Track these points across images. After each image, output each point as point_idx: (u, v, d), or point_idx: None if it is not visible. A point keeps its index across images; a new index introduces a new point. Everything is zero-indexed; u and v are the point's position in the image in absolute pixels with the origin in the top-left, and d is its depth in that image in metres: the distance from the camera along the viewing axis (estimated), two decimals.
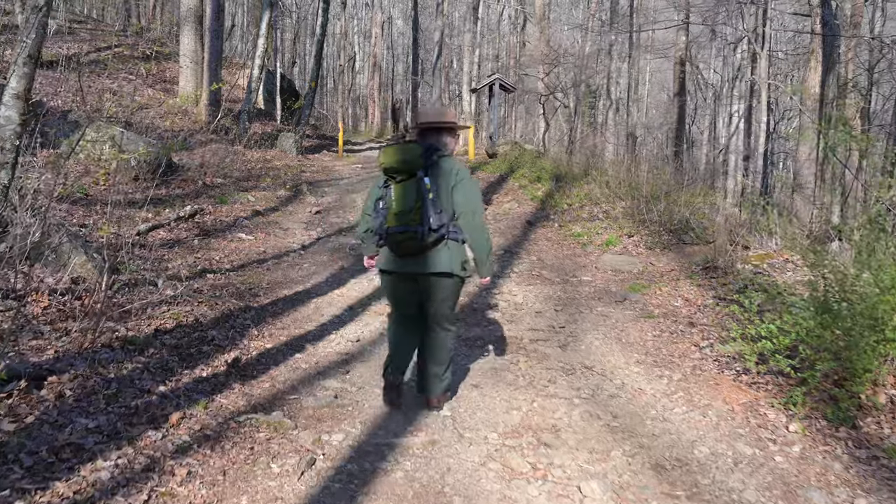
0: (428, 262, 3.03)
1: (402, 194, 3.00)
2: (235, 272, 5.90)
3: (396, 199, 3.01)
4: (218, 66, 14.02)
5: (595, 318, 5.11)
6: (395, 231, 2.98)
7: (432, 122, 3.23)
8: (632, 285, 5.97)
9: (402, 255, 3.05)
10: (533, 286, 6.05)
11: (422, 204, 2.94)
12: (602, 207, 9.10)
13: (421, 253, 3.01)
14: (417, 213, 2.94)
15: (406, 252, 3.02)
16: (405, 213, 2.96)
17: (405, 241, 2.97)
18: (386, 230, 3.02)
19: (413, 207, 2.96)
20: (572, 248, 7.57)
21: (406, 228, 2.96)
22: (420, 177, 2.98)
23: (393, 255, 3.09)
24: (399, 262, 3.09)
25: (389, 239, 3.03)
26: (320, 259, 6.71)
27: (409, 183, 2.99)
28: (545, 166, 11.97)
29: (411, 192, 2.98)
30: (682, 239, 7.37)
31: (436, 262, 3.02)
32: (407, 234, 2.96)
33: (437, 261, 3.02)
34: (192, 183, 9.29)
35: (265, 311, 4.90)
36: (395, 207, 3.00)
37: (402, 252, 3.04)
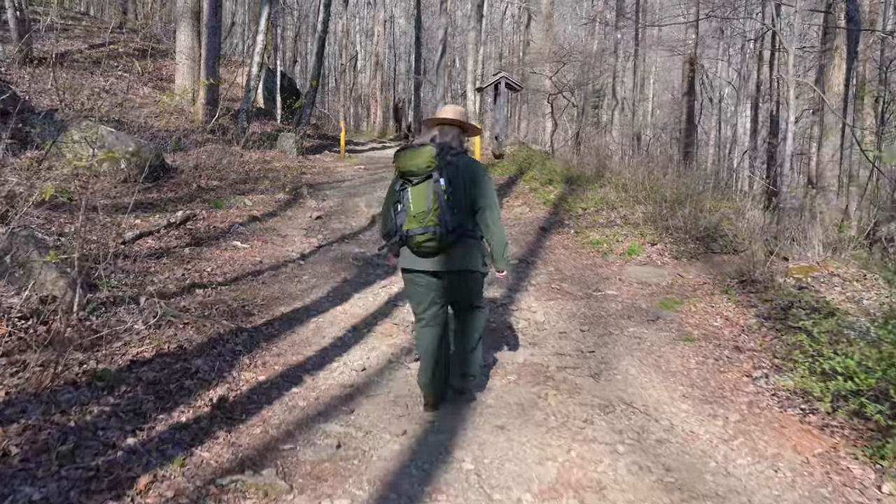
0: (449, 261, 3.09)
1: (418, 196, 3.02)
2: (228, 286, 5.35)
3: (413, 201, 3.03)
4: (216, 63, 13.46)
5: (627, 340, 4.55)
6: (414, 233, 3.02)
7: (444, 119, 3.23)
8: (663, 301, 5.41)
9: (423, 255, 3.09)
10: (554, 301, 5.49)
11: (438, 205, 2.98)
12: (619, 212, 8.54)
13: (440, 252, 3.06)
14: (435, 214, 2.98)
15: (426, 252, 3.07)
16: (423, 215, 3.00)
17: (424, 242, 3.02)
18: (406, 232, 3.06)
19: (430, 209, 2.99)
20: (592, 258, 7.01)
21: (424, 230, 3.00)
22: (436, 178, 3.00)
23: (413, 254, 3.13)
24: (420, 262, 3.13)
25: (409, 241, 3.07)
26: (321, 270, 6.16)
27: (425, 185, 3.02)
28: (556, 168, 11.42)
29: (427, 193, 3.00)
30: (710, 247, 6.82)
31: (456, 260, 3.09)
32: (426, 236, 3.00)
33: (457, 259, 3.09)
34: (185, 186, 8.74)
35: (259, 334, 4.35)
36: (412, 209, 3.03)
37: (422, 252, 3.08)
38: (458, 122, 3.23)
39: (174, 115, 13.52)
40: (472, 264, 3.14)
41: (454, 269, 3.10)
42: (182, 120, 13.38)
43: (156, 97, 14.38)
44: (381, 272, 6.21)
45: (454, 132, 3.24)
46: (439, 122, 3.24)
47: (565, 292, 5.76)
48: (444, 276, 3.13)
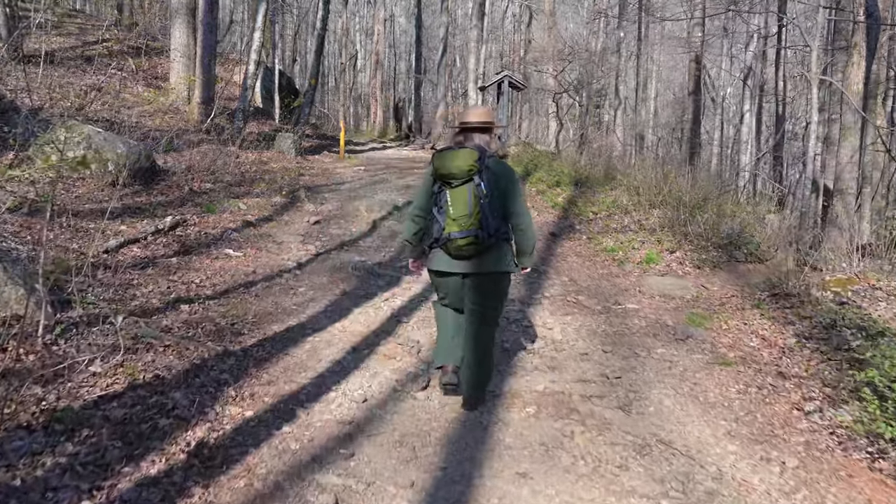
0: (484, 263, 3.09)
1: (459, 199, 3.00)
2: (217, 300, 4.89)
3: (454, 204, 3.01)
4: (211, 61, 12.99)
5: (656, 363, 4.10)
6: (456, 236, 3.00)
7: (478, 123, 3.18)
8: (689, 316, 4.96)
9: (459, 258, 3.09)
10: (571, 316, 5.03)
11: (480, 209, 2.98)
12: (633, 217, 8.09)
13: (477, 255, 3.06)
14: (476, 217, 2.98)
15: (464, 255, 3.06)
16: (465, 218, 2.99)
17: (466, 245, 3.01)
18: (448, 236, 3.03)
19: (472, 212, 2.98)
20: (607, 266, 6.55)
21: (467, 234, 2.99)
22: (477, 182, 2.99)
23: (448, 256, 3.11)
24: (455, 264, 3.12)
25: (449, 244, 3.04)
26: (318, 281, 5.70)
27: (466, 188, 3.00)
28: (563, 169, 10.96)
29: (469, 197, 2.99)
30: (734, 255, 6.36)
31: (492, 262, 3.09)
32: (468, 239, 3.00)
33: (493, 261, 3.09)
34: (177, 189, 8.28)
35: (248, 358, 3.88)
36: (452, 212, 3.00)
37: (459, 255, 3.07)
38: (488, 125, 3.21)
39: (169, 114, 13.06)
40: (505, 266, 3.15)
41: (487, 270, 3.11)
42: (177, 119, 12.91)
43: (151, 96, 13.93)
44: (382, 283, 5.76)
45: (484, 136, 3.22)
46: (468, 126, 3.20)
47: (582, 306, 5.30)
48: (476, 277, 3.13)
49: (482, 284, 3.15)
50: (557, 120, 15.07)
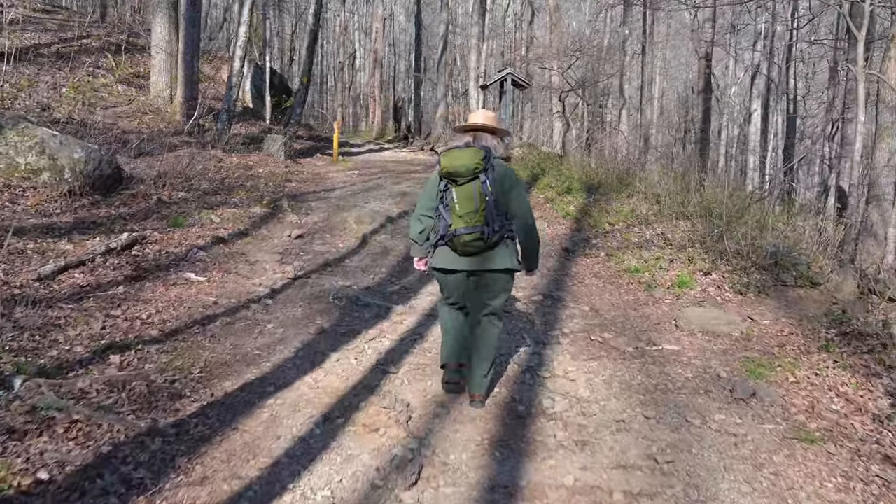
0: (489, 260, 3.11)
1: (465, 196, 3.03)
2: (161, 345, 3.92)
3: (460, 202, 3.03)
4: (194, 58, 12.02)
5: (717, 438, 3.12)
6: (462, 232, 3.03)
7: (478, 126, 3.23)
8: (745, 363, 3.98)
9: (465, 255, 3.10)
10: (597, 362, 4.06)
11: (486, 206, 3.01)
12: (655, 229, 7.11)
13: (483, 252, 3.08)
14: (482, 214, 3.01)
15: (469, 251, 3.08)
16: (470, 215, 3.01)
17: (472, 241, 3.03)
18: (454, 232, 3.05)
19: (477, 209, 3.01)
20: (633, 292, 5.57)
21: (472, 230, 3.01)
22: (482, 179, 3.02)
23: (454, 254, 3.12)
24: (460, 261, 3.13)
25: (456, 240, 3.06)
26: (292, 314, 4.72)
27: (472, 185, 3.02)
28: (573, 174, 9.98)
29: (474, 194, 3.02)
30: (781, 279, 5.38)
31: (497, 259, 3.11)
32: (474, 235, 3.02)
33: (498, 258, 3.11)
34: (143, 199, 7.30)
35: (182, 437, 2.91)
36: (458, 209, 3.03)
37: (465, 251, 3.08)
38: (490, 128, 3.22)
39: (149, 114, 12.10)
40: (510, 263, 3.15)
41: (491, 268, 3.12)
42: (158, 120, 11.94)
43: (131, 96, 12.96)
44: (368, 315, 4.78)
45: (491, 138, 3.23)
46: (473, 128, 3.24)
47: (610, 347, 4.32)
48: (482, 274, 3.15)
49: (487, 282, 3.18)
50: (563, 120, 14.08)
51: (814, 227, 6.33)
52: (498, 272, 3.14)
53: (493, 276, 3.14)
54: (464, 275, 3.17)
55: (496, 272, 3.13)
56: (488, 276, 3.14)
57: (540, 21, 31.59)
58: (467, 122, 3.30)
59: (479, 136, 3.21)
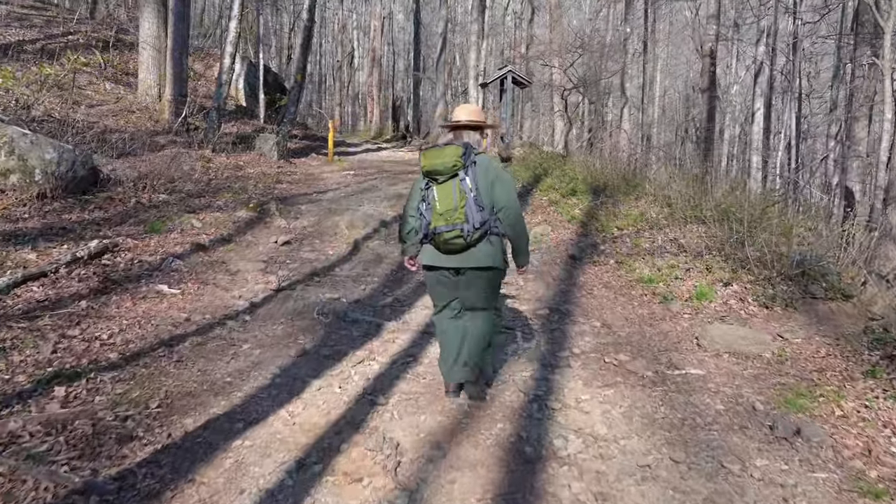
0: (472, 258, 3.06)
1: (445, 194, 3.02)
2: (119, 371, 3.43)
3: (440, 200, 3.03)
4: (183, 54, 11.52)
5: (761, 490, 2.62)
6: (441, 230, 3.01)
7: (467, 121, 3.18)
8: (781, 391, 3.49)
9: (448, 252, 3.07)
10: (613, 389, 3.57)
11: (465, 203, 2.99)
12: (667, 234, 6.62)
13: (465, 249, 3.04)
14: (461, 211, 2.98)
15: (451, 249, 3.05)
16: (450, 213, 3.00)
17: (451, 239, 3.01)
18: (433, 230, 3.04)
19: (457, 206, 2.99)
20: (647, 304, 5.08)
21: (451, 227, 2.99)
22: (461, 177, 3.01)
23: (438, 251, 3.10)
24: (444, 258, 3.10)
25: (436, 238, 3.05)
26: (272, 333, 4.23)
27: (451, 183, 3.01)
28: (577, 175, 9.49)
29: (454, 191, 3.01)
30: (810, 290, 4.88)
31: (480, 257, 3.06)
32: (453, 233, 2.99)
33: (480, 256, 3.06)
34: (120, 202, 6.82)
35: (124, 495, 2.41)
36: (439, 207, 3.03)
37: (447, 249, 3.06)
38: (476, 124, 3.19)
39: (136, 113, 11.61)
40: (495, 261, 3.10)
41: (477, 265, 3.07)
42: (145, 119, 11.45)
43: (119, 94, 12.46)
44: (357, 333, 4.29)
45: (474, 134, 3.20)
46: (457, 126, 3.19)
47: (626, 370, 3.83)
48: (467, 272, 3.11)
49: (471, 279, 3.12)
50: (566, 118, 13.58)
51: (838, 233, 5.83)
52: (481, 270, 3.09)
53: (477, 274, 3.10)
54: (449, 272, 3.14)
55: (480, 270, 3.08)
56: (472, 273, 3.10)
57: (540, 20, 31.07)
58: (452, 119, 3.26)
59: (459, 134, 3.18)
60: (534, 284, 5.57)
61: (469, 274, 3.10)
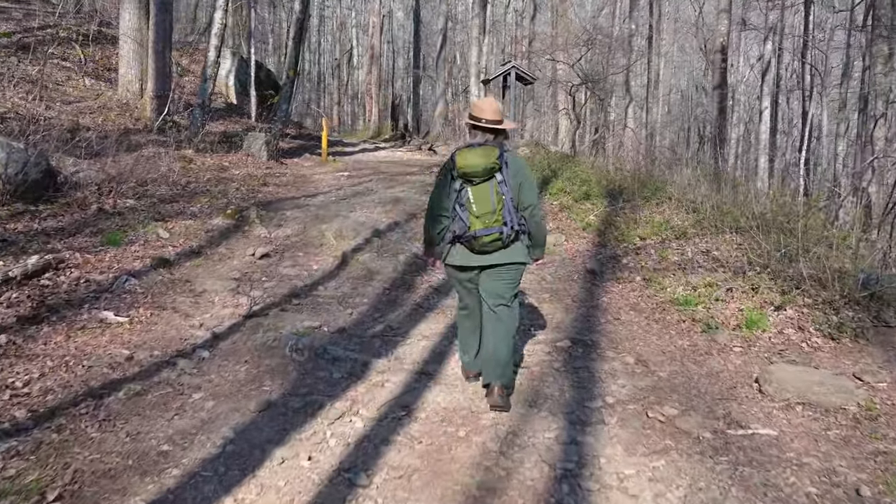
0: (505, 255, 3.02)
1: (481, 196, 2.94)
2: (21, 437, 2.60)
3: (477, 202, 2.94)
4: (166, 47, 10.67)
5: None
6: (482, 234, 2.94)
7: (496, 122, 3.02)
8: (885, 465, 2.65)
9: (480, 253, 3.01)
10: (663, 458, 2.72)
11: (503, 206, 2.93)
12: (697, 245, 5.79)
13: (499, 250, 3.01)
14: (499, 214, 2.93)
15: (487, 251, 3.00)
16: (488, 216, 2.93)
17: (490, 242, 2.96)
18: (473, 234, 2.95)
19: (495, 209, 2.92)
20: (687, 333, 4.24)
21: (491, 231, 2.93)
22: (499, 179, 2.94)
23: (469, 252, 3.03)
24: (475, 258, 3.04)
25: (474, 241, 2.97)
26: (232, 375, 3.40)
27: (488, 185, 2.93)
28: (589, 177, 8.65)
29: (491, 193, 2.93)
30: (883, 317, 4.05)
31: (512, 254, 3.02)
32: (493, 236, 2.94)
33: (512, 253, 3.03)
34: (80, 208, 5.99)
35: None
36: (475, 210, 2.94)
37: (482, 251, 3.00)
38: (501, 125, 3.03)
39: (116, 110, 10.77)
40: (525, 256, 3.09)
41: (504, 262, 3.02)
42: (125, 117, 10.61)
43: (100, 90, 11.63)
44: (338, 375, 3.46)
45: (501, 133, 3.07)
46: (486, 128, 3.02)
47: (676, 429, 2.98)
48: (493, 268, 3.04)
49: (502, 273, 3.06)
50: (573, 116, 12.73)
51: None
52: (510, 265, 3.06)
53: (507, 267, 3.06)
54: (477, 270, 3.09)
55: (509, 265, 3.05)
56: (501, 269, 3.05)
57: (542, 17, 30.23)
58: (476, 116, 3.04)
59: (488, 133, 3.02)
60: (550, 307, 4.73)
61: (499, 268, 3.05)
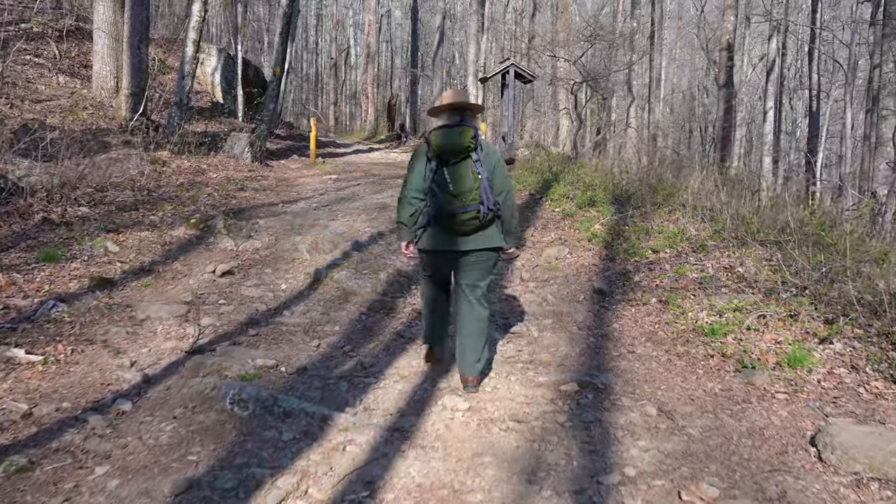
0: (482, 239, 3.04)
1: (458, 175, 2.94)
2: None
3: (454, 181, 2.94)
4: (142, 42, 9.96)
5: None
6: (459, 212, 2.93)
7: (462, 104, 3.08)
8: None
9: (460, 234, 3.01)
10: None
11: (479, 184, 2.95)
12: (718, 259, 5.07)
13: (476, 231, 3.01)
14: (476, 192, 2.94)
15: (465, 231, 3.00)
16: (465, 194, 2.93)
17: (468, 220, 2.95)
18: (451, 211, 2.93)
19: (472, 188, 2.93)
20: (718, 374, 3.51)
21: (467, 209, 2.93)
22: (475, 158, 2.97)
23: (446, 234, 3.03)
24: (453, 241, 3.03)
25: (451, 220, 2.96)
26: (153, 439, 2.68)
27: (463, 164, 2.96)
28: (593, 181, 7.94)
29: (467, 173, 2.95)
30: None
31: (488, 238, 3.06)
32: (469, 214, 2.94)
33: (489, 237, 3.06)
34: (22, 217, 5.27)
35: None
36: (453, 189, 2.94)
37: (459, 231, 3.00)
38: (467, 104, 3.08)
39: (89, 109, 10.08)
40: (500, 241, 3.12)
41: (484, 246, 3.04)
42: (98, 116, 9.92)
43: (73, 87, 10.92)
44: (287, 438, 2.72)
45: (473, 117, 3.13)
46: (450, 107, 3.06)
47: None
48: (470, 254, 3.05)
49: (477, 260, 3.08)
50: (575, 116, 12.02)
51: None
52: (488, 251, 3.08)
53: (484, 254, 3.07)
54: (452, 254, 3.06)
55: (487, 251, 3.07)
56: (480, 254, 3.06)
57: (541, 18, 29.53)
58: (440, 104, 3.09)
59: (465, 115, 3.06)
60: (553, 336, 4.01)
61: (476, 254, 3.06)
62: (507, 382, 3.34)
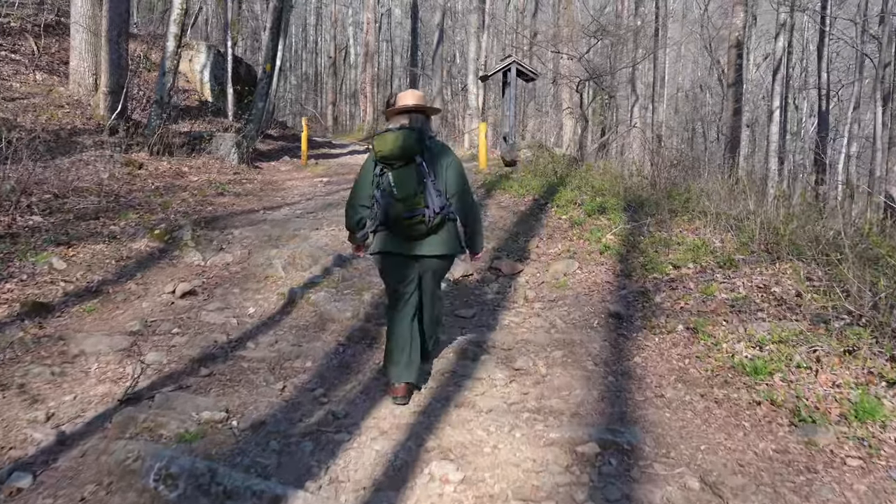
0: (432, 245, 2.96)
1: (402, 180, 2.87)
2: None
3: (397, 186, 2.86)
4: (121, 36, 9.32)
5: None
6: (404, 216, 2.85)
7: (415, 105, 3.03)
8: None
9: (408, 239, 2.94)
10: None
11: (424, 188, 2.87)
12: (749, 277, 4.42)
13: (426, 236, 2.94)
14: (421, 196, 2.86)
15: (412, 236, 2.93)
16: (409, 198, 2.85)
17: (414, 225, 2.88)
18: (395, 217, 2.86)
19: (416, 192, 2.86)
20: (768, 426, 2.85)
21: (413, 213, 2.85)
22: (418, 162, 2.89)
23: (397, 238, 2.96)
24: (404, 245, 2.96)
25: (397, 224, 2.89)
26: None
27: (408, 168, 2.88)
28: (602, 185, 7.28)
29: (411, 177, 2.87)
30: None
31: (440, 244, 2.97)
32: (415, 219, 2.86)
33: (440, 243, 2.97)
34: None
35: None
36: (397, 193, 2.86)
37: (408, 235, 2.93)
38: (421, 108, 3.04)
39: (65, 108, 9.44)
40: (452, 249, 3.03)
41: (436, 254, 2.97)
42: (75, 115, 9.28)
43: (50, 85, 10.29)
44: None
45: (421, 118, 3.06)
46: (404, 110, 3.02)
47: None
48: (423, 259, 2.99)
49: (429, 267, 3.01)
50: (580, 115, 11.36)
51: None
52: (439, 258, 3.00)
53: (436, 262, 3.01)
54: (409, 260, 2.98)
55: (438, 258, 3.00)
56: (431, 261, 3.00)
57: (542, 17, 28.84)
58: (399, 105, 3.04)
59: (412, 118, 2.99)
60: (564, 375, 3.35)
61: (427, 262, 2.99)
62: (511, 440, 2.69)
